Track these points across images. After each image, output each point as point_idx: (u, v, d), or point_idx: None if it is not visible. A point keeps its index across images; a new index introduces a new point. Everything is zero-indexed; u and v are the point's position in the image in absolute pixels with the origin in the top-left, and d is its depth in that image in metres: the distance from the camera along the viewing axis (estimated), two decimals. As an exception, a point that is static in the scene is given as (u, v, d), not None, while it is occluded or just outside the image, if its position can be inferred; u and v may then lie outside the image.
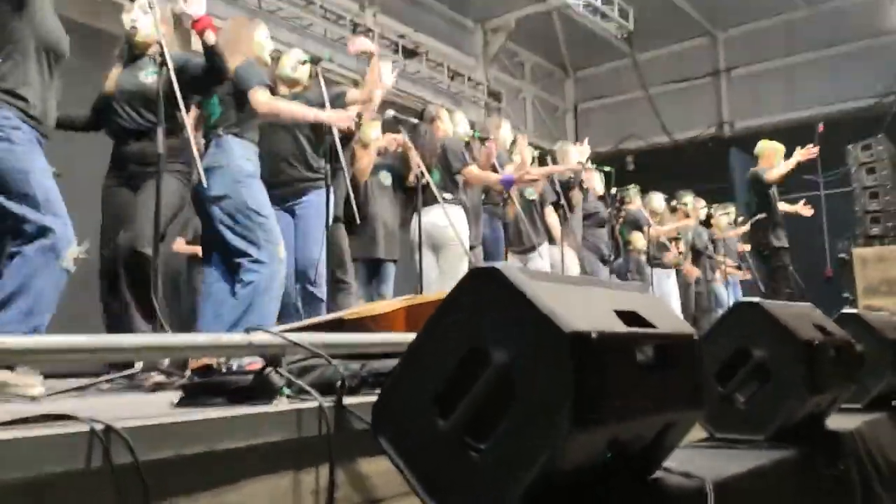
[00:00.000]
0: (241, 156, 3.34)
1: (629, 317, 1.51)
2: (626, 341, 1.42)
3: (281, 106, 3.57)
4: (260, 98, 3.35)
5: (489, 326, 1.34)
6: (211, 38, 3.14)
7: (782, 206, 6.87)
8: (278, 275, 3.33)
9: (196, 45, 3.32)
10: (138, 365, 2.44)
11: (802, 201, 7.47)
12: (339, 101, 4.02)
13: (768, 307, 2.21)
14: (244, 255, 3.27)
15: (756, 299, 2.25)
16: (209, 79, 3.25)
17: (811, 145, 6.62)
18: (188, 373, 2.38)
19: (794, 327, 2.19)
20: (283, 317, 3.52)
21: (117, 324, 3.02)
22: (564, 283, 1.52)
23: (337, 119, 3.67)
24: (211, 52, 3.15)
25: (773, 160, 6.71)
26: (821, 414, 2.41)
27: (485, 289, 1.36)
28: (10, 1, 2.61)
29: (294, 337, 1.51)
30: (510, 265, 1.38)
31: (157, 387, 2.45)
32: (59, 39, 2.80)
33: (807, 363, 2.12)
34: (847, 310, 3.21)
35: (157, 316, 2.65)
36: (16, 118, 2.58)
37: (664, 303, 1.92)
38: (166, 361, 2.61)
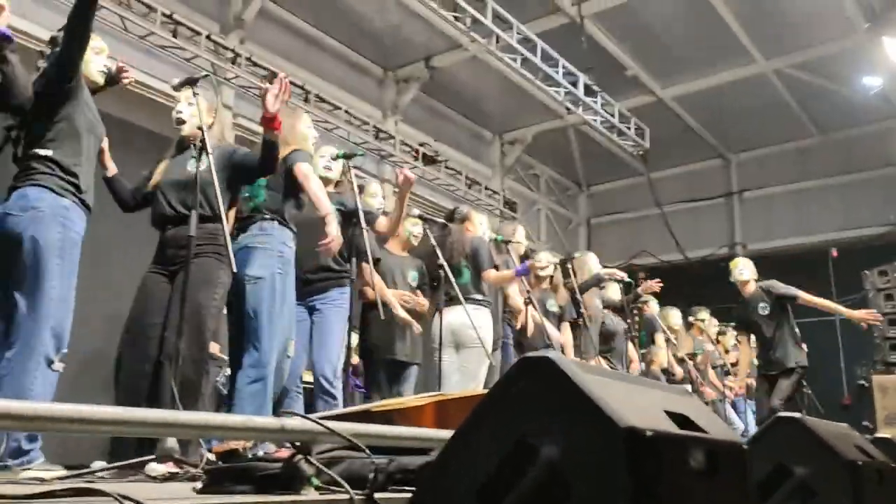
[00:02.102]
0: (281, 241, 3.43)
1: (680, 419, 1.44)
2: (680, 443, 1.35)
3: (314, 184, 3.51)
4: (302, 168, 3.48)
5: (538, 418, 1.28)
6: (275, 136, 3.22)
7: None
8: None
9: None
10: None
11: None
12: (368, 217, 4.02)
13: (810, 424, 2.13)
14: (252, 345, 3.26)
15: (797, 415, 2.17)
16: (259, 171, 3.31)
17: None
18: (204, 462, 2.30)
19: (838, 446, 2.10)
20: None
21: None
22: (614, 379, 1.46)
23: (330, 240, 3.40)
24: (270, 148, 3.21)
25: None
26: (863, 541, 2.28)
27: (536, 379, 1.30)
28: (64, 92, 2.81)
29: (332, 425, 1.44)
30: (561, 355, 1.33)
31: (169, 477, 2.34)
32: (99, 122, 3.03)
33: (852, 484, 2.03)
34: (881, 433, 3.11)
35: (175, 401, 2.58)
36: (73, 205, 2.72)
37: (709, 409, 1.85)
38: (176, 446, 2.51)
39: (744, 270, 6.19)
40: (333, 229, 3.40)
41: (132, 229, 3.85)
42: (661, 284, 6.30)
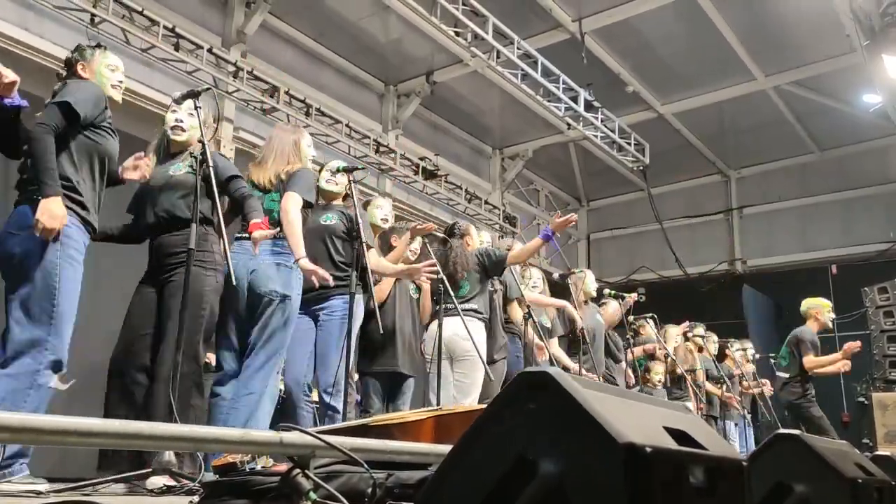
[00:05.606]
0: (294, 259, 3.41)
1: (679, 435, 1.44)
2: (680, 459, 1.34)
3: (293, 226, 3.37)
4: (288, 201, 3.38)
5: (537, 434, 1.28)
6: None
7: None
8: None
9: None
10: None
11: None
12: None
13: (809, 441, 2.12)
14: (258, 355, 3.25)
15: (796, 432, 2.16)
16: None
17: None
18: (201, 477, 2.29)
19: (837, 464, 2.09)
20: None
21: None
22: (613, 395, 1.45)
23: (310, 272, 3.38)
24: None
25: (822, 315, 6.73)
26: (863, 560, 2.27)
27: (535, 394, 1.30)
28: (66, 119, 2.79)
29: (330, 439, 1.44)
30: (561, 371, 1.32)
31: (166, 490, 2.34)
32: (109, 139, 2.98)
33: (852, 502, 2.02)
34: (881, 451, 3.10)
35: (173, 414, 2.56)
36: (72, 223, 2.71)
37: (708, 426, 1.84)
38: (173, 459, 2.50)
39: None
40: (305, 265, 3.36)
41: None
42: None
